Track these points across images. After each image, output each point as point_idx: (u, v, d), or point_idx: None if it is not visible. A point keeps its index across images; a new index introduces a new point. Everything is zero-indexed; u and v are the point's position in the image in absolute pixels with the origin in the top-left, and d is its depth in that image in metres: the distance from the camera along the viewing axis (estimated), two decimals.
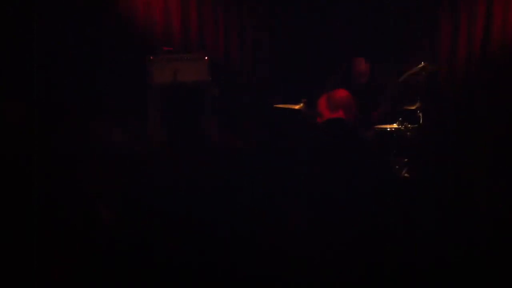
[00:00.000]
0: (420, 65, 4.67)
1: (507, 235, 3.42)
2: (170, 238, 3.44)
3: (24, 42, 4.24)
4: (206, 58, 5.17)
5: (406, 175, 4.62)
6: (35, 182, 3.15)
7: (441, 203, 4.11)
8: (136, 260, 3.12)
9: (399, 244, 3.38)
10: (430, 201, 4.09)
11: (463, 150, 5.09)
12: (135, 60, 5.15)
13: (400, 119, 4.66)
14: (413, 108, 4.71)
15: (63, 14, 4.86)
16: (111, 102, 5.07)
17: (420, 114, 4.66)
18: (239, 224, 3.78)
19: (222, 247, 3.38)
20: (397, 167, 4.66)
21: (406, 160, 4.66)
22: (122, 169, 4.54)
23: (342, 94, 3.77)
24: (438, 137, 5.00)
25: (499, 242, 3.34)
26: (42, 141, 3.55)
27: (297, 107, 4.63)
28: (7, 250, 3.01)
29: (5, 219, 3.17)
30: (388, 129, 4.70)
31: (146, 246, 3.31)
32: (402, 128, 4.64)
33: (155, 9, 5.49)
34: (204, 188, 4.23)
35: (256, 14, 5.80)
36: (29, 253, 2.91)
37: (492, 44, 5.37)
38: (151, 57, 4.99)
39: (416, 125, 4.65)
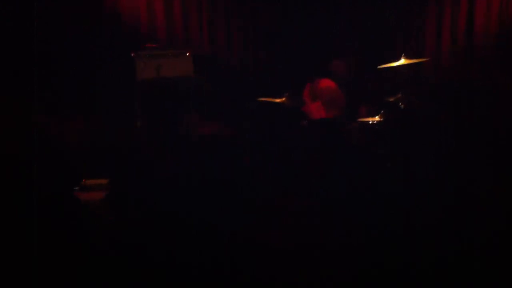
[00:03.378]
0: (401, 57, 4.68)
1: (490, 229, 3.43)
2: (161, 235, 3.45)
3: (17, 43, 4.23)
4: (189, 53, 5.17)
5: (389, 166, 4.63)
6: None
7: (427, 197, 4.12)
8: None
9: (387, 241, 3.40)
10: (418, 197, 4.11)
11: (448, 142, 5.09)
12: (120, 56, 5.16)
13: (382, 111, 4.68)
14: (394, 100, 4.72)
15: (48, 11, 4.86)
16: (96, 99, 5.08)
17: (402, 106, 4.67)
18: (229, 219, 3.80)
19: (215, 243, 3.40)
20: (379, 158, 4.68)
21: (388, 151, 4.68)
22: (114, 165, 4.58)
23: (323, 84, 3.78)
24: (421, 128, 4.99)
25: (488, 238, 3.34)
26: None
27: (279, 100, 4.66)
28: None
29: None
30: (371, 122, 4.72)
31: (140, 244, 3.32)
32: (384, 120, 4.65)
33: (139, 6, 5.51)
34: (190, 182, 4.24)
35: (241, 8, 5.82)
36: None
37: (476, 35, 5.36)
38: (133, 54, 4.99)
39: (398, 117, 4.66)
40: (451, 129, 5.15)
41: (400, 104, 4.67)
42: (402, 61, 4.64)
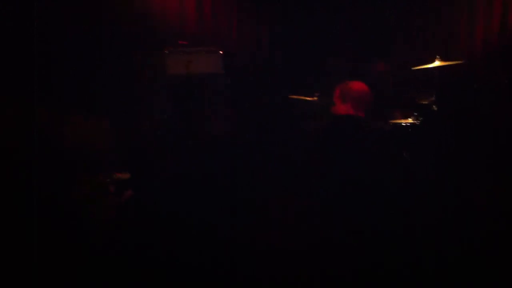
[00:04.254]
0: (435, 59, 4.63)
1: None
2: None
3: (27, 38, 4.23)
4: (220, 51, 5.17)
5: (420, 168, 4.57)
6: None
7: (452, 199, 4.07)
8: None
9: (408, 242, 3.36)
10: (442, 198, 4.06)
11: (478, 145, 5.02)
12: (150, 53, 5.17)
13: (415, 113, 4.63)
14: (427, 102, 4.67)
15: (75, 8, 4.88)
16: (125, 96, 5.09)
17: (435, 108, 4.62)
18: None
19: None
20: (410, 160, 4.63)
21: (419, 154, 4.62)
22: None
23: (353, 86, 3.75)
24: (452, 131, 4.93)
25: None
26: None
27: (310, 99, 4.64)
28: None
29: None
30: (403, 123, 4.67)
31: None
32: (417, 122, 4.60)
33: (170, 3, 5.53)
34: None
35: (270, 7, 5.81)
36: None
37: (510, 35, 5.28)
38: (166, 51, 5.00)
39: (431, 119, 4.61)
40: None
41: (433, 106, 4.62)
42: (437, 63, 4.59)
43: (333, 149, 3.76)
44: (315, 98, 4.67)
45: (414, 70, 4.71)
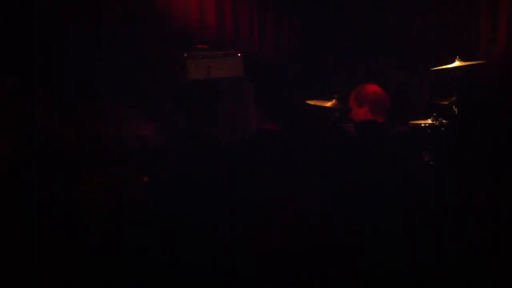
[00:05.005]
0: (455, 59, 4.57)
1: None
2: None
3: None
4: (239, 55, 5.21)
5: (440, 170, 4.54)
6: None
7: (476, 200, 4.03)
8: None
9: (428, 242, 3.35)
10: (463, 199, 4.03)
11: (500, 147, 4.95)
12: (170, 57, 5.24)
13: (435, 114, 4.59)
14: (448, 103, 4.62)
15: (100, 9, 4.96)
16: (145, 97, 5.15)
17: (455, 110, 4.57)
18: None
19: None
20: (431, 163, 4.59)
21: (440, 155, 4.58)
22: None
23: (369, 89, 3.75)
24: (472, 133, 4.87)
25: None
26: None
27: (328, 104, 4.60)
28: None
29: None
30: (423, 124, 4.63)
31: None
32: (437, 123, 4.56)
33: (190, 7, 5.58)
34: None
35: (290, 11, 5.82)
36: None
37: None
38: (186, 54, 5.06)
39: (451, 121, 4.56)
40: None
41: (453, 107, 4.57)
42: (457, 63, 4.53)
43: (354, 154, 3.77)
44: (334, 102, 4.64)
45: (433, 70, 4.66)
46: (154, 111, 4.86)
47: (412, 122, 4.70)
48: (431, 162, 4.56)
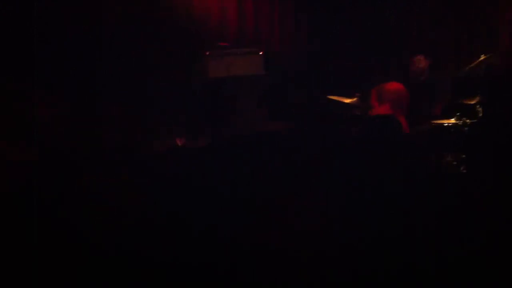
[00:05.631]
0: (480, 58, 4.50)
1: None
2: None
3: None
4: (261, 52, 5.19)
5: (463, 171, 4.47)
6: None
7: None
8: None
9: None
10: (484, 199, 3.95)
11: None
12: (191, 55, 5.24)
13: (458, 114, 4.51)
14: (472, 102, 4.54)
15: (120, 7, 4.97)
16: (166, 96, 5.17)
17: (480, 109, 4.49)
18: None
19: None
20: (454, 163, 4.52)
21: (463, 156, 4.50)
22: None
23: (391, 87, 3.70)
24: (498, 133, 4.78)
25: None
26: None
27: (348, 101, 4.58)
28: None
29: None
30: (446, 124, 4.56)
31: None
32: (460, 123, 4.49)
33: (211, 4, 5.58)
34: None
35: (311, 8, 5.79)
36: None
37: None
38: (207, 52, 5.06)
39: (475, 120, 4.48)
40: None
41: (478, 106, 4.49)
42: (481, 59, 4.46)
43: (370, 151, 3.72)
44: (355, 99, 4.61)
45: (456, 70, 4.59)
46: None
47: (435, 121, 4.63)
48: (454, 163, 4.50)
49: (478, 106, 4.52)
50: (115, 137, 4.53)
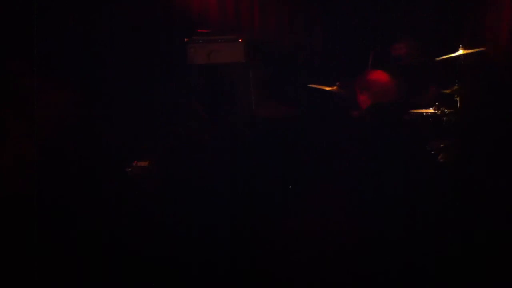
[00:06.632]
0: (459, 48, 4.54)
1: None
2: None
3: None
4: (240, 40, 5.16)
5: (441, 160, 4.52)
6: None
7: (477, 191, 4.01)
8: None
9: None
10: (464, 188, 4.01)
11: (502, 137, 4.92)
12: (172, 42, 5.18)
13: (437, 103, 4.56)
14: (450, 92, 4.59)
15: None
16: (148, 84, 5.11)
17: (458, 98, 4.54)
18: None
19: None
20: (432, 152, 4.57)
21: (442, 145, 4.56)
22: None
23: (372, 77, 3.72)
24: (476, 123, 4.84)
25: None
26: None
27: (330, 88, 4.61)
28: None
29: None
30: (424, 113, 4.61)
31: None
32: (439, 112, 4.54)
33: None
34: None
35: None
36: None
37: None
38: (186, 39, 5.01)
39: (453, 110, 4.54)
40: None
41: (456, 96, 4.54)
42: (460, 52, 4.50)
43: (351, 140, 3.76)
44: (335, 88, 4.63)
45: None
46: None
47: (414, 110, 4.68)
48: (432, 152, 4.56)
49: (456, 96, 4.59)
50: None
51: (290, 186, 4.24)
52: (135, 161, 4.30)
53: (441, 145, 4.56)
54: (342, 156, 4.37)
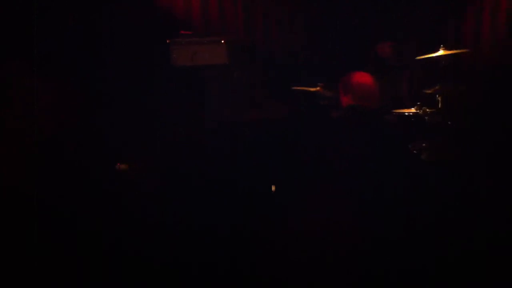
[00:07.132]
0: (440, 48, 4.58)
1: None
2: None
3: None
4: (223, 41, 5.15)
5: (424, 159, 4.55)
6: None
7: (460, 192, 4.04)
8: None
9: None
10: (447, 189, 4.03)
11: (483, 137, 4.96)
12: (154, 43, 5.17)
13: (419, 103, 4.59)
14: (431, 92, 4.63)
15: None
16: (130, 86, 5.09)
17: (439, 98, 4.58)
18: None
19: None
20: (415, 151, 4.60)
21: (424, 145, 4.59)
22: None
23: (354, 78, 3.73)
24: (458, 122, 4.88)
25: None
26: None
27: (313, 89, 4.64)
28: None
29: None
30: (406, 113, 4.64)
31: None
32: (421, 112, 4.57)
33: None
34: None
35: None
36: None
37: None
38: (168, 41, 5.00)
39: (435, 110, 4.58)
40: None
41: (437, 96, 4.58)
42: (441, 52, 4.54)
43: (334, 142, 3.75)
44: (318, 89, 4.66)
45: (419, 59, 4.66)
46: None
47: (396, 110, 4.71)
48: (415, 152, 4.58)
49: (437, 96, 4.62)
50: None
51: (273, 188, 4.25)
52: (118, 163, 4.28)
53: (423, 145, 4.59)
54: (325, 158, 4.38)
